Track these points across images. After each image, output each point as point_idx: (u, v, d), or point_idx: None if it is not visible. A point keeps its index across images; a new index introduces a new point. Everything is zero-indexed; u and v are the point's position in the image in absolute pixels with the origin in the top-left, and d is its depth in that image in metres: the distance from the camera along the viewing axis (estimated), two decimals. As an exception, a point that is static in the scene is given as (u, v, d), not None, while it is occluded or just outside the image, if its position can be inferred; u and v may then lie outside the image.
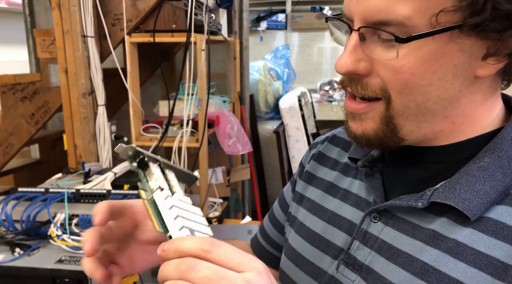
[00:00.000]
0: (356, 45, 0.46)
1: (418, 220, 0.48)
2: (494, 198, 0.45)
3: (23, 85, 1.79)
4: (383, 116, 0.48)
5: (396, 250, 0.49)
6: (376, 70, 0.46)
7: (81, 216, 1.20)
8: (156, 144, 1.79)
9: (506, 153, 0.46)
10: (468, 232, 0.44)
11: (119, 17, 1.73)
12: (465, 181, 0.46)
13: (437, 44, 0.42)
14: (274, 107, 3.07)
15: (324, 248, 0.57)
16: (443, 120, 0.47)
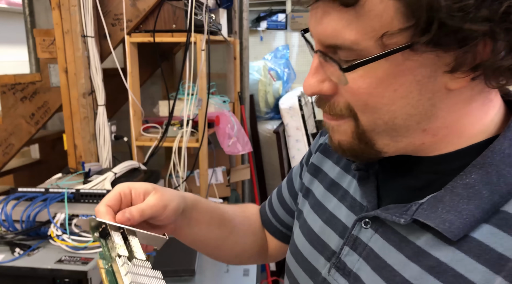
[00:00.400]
0: (318, 67, 0.46)
1: (405, 232, 0.47)
2: (479, 217, 0.42)
3: (23, 85, 1.79)
4: (355, 132, 0.47)
5: (382, 261, 0.48)
6: (340, 90, 0.46)
7: (81, 216, 1.20)
8: (156, 144, 1.79)
9: (495, 167, 0.43)
10: (450, 252, 0.43)
11: (119, 17, 1.73)
12: (449, 199, 0.44)
13: (392, 64, 0.41)
14: (274, 107, 3.07)
15: (320, 248, 0.58)
16: (421, 134, 0.45)
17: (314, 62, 0.46)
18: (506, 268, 0.39)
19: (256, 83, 2.96)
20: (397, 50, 0.40)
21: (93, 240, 0.49)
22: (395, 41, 0.39)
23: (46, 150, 2.40)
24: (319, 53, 0.45)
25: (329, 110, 0.48)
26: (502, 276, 0.39)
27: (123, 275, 0.46)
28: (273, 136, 2.86)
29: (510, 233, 0.40)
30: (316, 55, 0.46)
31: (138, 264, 0.48)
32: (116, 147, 1.87)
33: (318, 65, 0.46)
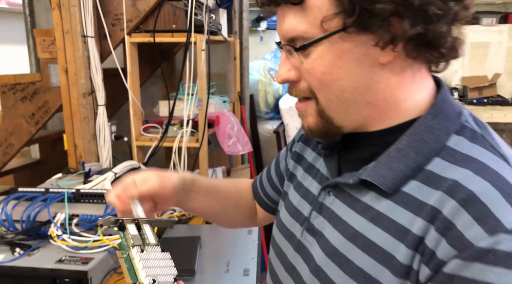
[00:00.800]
0: (285, 59, 0.59)
1: (357, 193, 0.59)
2: (407, 173, 0.54)
3: (23, 85, 1.79)
4: (317, 111, 0.59)
5: (339, 218, 0.60)
6: (303, 76, 0.58)
7: (81, 216, 1.20)
8: (156, 144, 1.79)
9: (420, 135, 0.55)
10: (386, 204, 0.55)
11: (119, 17, 1.74)
12: (385, 160, 0.56)
13: (334, 46, 0.53)
14: (274, 107, 3.07)
15: (297, 217, 0.70)
16: (367, 106, 0.57)
17: (282, 56, 0.60)
18: (424, 211, 0.50)
19: (256, 83, 2.96)
20: (334, 33, 0.52)
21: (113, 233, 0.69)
22: (333, 26, 0.52)
23: (46, 150, 2.40)
24: (284, 47, 0.58)
25: (296, 94, 0.61)
26: (421, 217, 0.50)
27: (137, 262, 0.56)
28: (273, 137, 2.86)
29: (430, 187, 0.52)
30: (282, 51, 0.59)
31: (150, 249, 0.59)
32: (116, 147, 1.87)
33: (285, 57, 0.59)
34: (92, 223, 1.19)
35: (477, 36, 3.82)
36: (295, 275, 0.67)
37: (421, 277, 0.49)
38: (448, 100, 0.57)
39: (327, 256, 0.60)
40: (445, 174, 0.51)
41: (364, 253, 0.55)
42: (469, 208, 0.47)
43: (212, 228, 1.49)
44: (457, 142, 0.54)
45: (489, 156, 0.52)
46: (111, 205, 0.70)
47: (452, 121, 0.55)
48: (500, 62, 3.83)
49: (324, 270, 0.60)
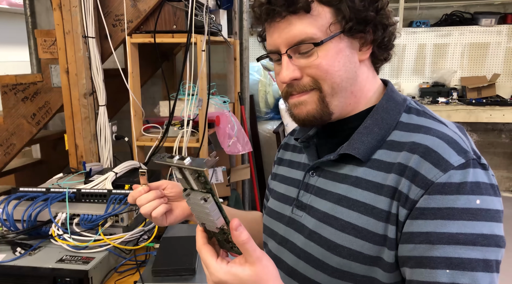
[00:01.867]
0: (288, 62, 0.72)
1: (336, 169, 0.75)
2: (375, 144, 0.71)
3: (24, 85, 1.80)
4: (319, 98, 0.72)
5: (325, 191, 0.75)
6: (305, 73, 0.72)
7: (82, 216, 1.21)
8: (157, 144, 1.80)
9: (380, 115, 0.73)
10: (362, 170, 0.71)
11: (120, 17, 1.74)
12: (356, 137, 0.73)
13: (335, 45, 0.70)
14: (274, 107, 3.08)
15: (285, 200, 0.84)
16: (350, 95, 0.74)
17: (284, 61, 0.72)
18: (394, 168, 0.67)
19: (256, 83, 2.97)
20: (335, 35, 0.70)
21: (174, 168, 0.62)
22: (334, 30, 0.69)
23: (47, 149, 2.41)
24: (288, 52, 0.71)
25: (298, 90, 0.73)
26: (393, 173, 0.67)
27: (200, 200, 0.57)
28: (273, 137, 2.87)
29: (394, 151, 0.69)
30: (284, 56, 0.72)
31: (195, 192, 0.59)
32: (117, 147, 1.88)
33: (288, 61, 0.72)
34: (93, 223, 1.20)
35: (476, 36, 3.82)
36: (289, 245, 0.78)
37: (401, 217, 0.64)
38: (395, 91, 0.77)
39: (319, 221, 0.74)
40: (404, 139, 0.69)
41: (350, 209, 0.70)
42: (427, 157, 0.64)
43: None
44: (407, 118, 0.73)
45: (432, 122, 0.70)
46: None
47: (400, 104, 0.74)
48: (499, 62, 3.83)
49: (318, 232, 0.73)
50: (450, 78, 3.85)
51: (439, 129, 0.68)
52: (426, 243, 0.61)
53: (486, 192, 0.62)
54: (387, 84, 0.79)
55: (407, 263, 0.63)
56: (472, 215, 0.60)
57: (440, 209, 0.60)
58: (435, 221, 0.61)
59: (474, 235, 0.59)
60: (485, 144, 4.05)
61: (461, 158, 0.63)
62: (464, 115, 3.45)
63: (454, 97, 3.67)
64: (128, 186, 1.42)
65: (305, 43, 0.69)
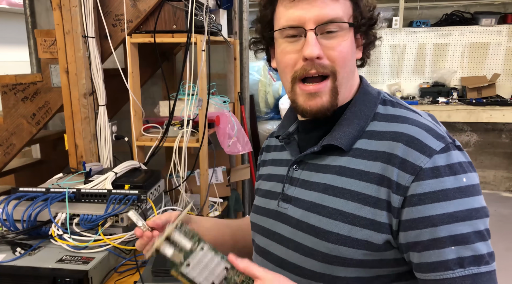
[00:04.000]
0: (315, 39, 0.73)
1: (319, 160, 0.79)
2: (356, 134, 0.76)
3: (24, 85, 1.80)
4: (332, 88, 0.75)
5: (310, 182, 0.79)
6: (326, 54, 0.74)
7: (82, 216, 1.21)
8: (157, 144, 1.80)
9: (358, 107, 0.78)
10: (345, 159, 0.75)
11: (119, 17, 1.74)
12: (337, 128, 0.77)
13: (351, 36, 0.76)
14: (274, 107, 3.08)
15: (270, 196, 0.86)
16: (348, 88, 0.79)
17: (311, 37, 0.73)
18: (379, 156, 0.71)
19: (256, 83, 2.96)
20: (354, 25, 0.76)
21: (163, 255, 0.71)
22: (352, 21, 0.75)
23: (47, 149, 2.41)
24: (317, 28, 0.72)
25: (318, 69, 0.74)
26: (378, 161, 0.71)
27: (193, 278, 0.66)
28: (273, 137, 2.87)
29: (375, 139, 0.74)
30: (311, 33, 0.72)
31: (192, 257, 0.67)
32: (117, 147, 1.88)
33: (315, 38, 0.73)
34: (92, 223, 1.20)
35: (476, 36, 3.82)
36: (277, 237, 0.81)
37: (394, 203, 0.68)
38: (369, 85, 0.83)
39: (306, 210, 0.77)
40: (383, 129, 0.74)
41: (336, 197, 0.74)
42: (411, 145, 0.69)
43: (212, 227, 1.49)
44: (384, 109, 0.78)
45: (407, 112, 0.76)
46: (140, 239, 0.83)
47: (375, 97, 0.80)
48: (499, 62, 3.83)
49: (305, 221, 0.76)
50: (450, 78, 3.85)
51: (416, 118, 0.74)
52: (431, 226, 0.65)
53: (468, 169, 0.68)
54: (362, 79, 0.84)
55: (414, 248, 0.67)
56: (463, 193, 0.66)
57: (434, 192, 0.66)
58: (433, 204, 0.65)
59: (469, 211, 0.65)
60: (485, 144, 4.05)
61: (441, 142, 0.69)
62: (464, 115, 3.45)
63: (454, 97, 3.67)
64: (128, 186, 1.42)
65: (334, 23, 0.72)
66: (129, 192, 1.29)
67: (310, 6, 0.72)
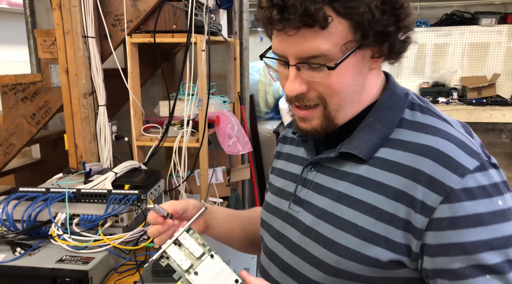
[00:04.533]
0: (296, 75, 0.67)
1: (336, 165, 0.73)
2: (377, 142, 0.69)
3: (24, 85, 1.80)
4: (324, 114, 0.70)
5: (323, 187, 0.74)
6: (313, 87, 0.67)
7: (82, 216, 1.21)
8: (157, 144, 1.80)
9: (382, 112, 0.70)
10: (364, 168, 0.69)
11: (119, 17, 1.74)
12: (358, 135, 0.71)
13: (347, 61, 0.64)
14: (274, 107, 3.08)
15: (282, 195, 0.82)
16: (358, 104, 0.71)
17: (291, 73, 0.67)
18: (402, 170, 0.65)
19: (256, 83, 2.96)
20: (351, 53, 0.64)
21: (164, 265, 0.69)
22: (350, 47, 0.64)
23: (47, 149, 2.41)
24: (298, 65, 0.66)
25: (302, 104, 0.69)
26: (400, 175, 0.64)
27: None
28: (273, 136, 2.87)
29: (399, 149, 0.67)
30: (292, 68, 0.66)
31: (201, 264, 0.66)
32: (117, 147, 1.88)
33: (296, 74, 0.67)
34: (92, 223, 1.20)
35: (476, 36, 3.82)
36: (285, 240, 0.78)
37: (417, 224, 0.62)
38: (397, 85, 0.74)
39: (316, 217, 0.72)
40: (410, 139, 0.67)
41: (350, 208, 0.68)
42: (441, 162, 0.62)
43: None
44: (412, 115, 0.70)
45: (438, 122, 0.68)
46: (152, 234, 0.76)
47: (403, 99, 0.72)
48: (499, 62, 3.83)
49: (315, 228, 0.72)
50: (450, 78, 3.85)
51: (447, 130, 0.66)
52: (463, 254, 0.59)
53: (504, 191, 0.62)
54: (388, 77, 0.76)
55: (444, 275, 0.62)
56: (499, 218, 0.60)
57: (468, 216, 0.59)
58: (466, 230, 0.59)
59: (505, 238, 0.59)
60: (485, 144, 4.04)
61: (475, 160, 0.62)
62: (464, 115, 3.45)
63: (454, 97, 3.67)
64: (128, 186, 1.42)
65: (318, 58, 0.64)
66: (129, 192, 1.29)
67: (289, 43, 0.65)
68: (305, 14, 0.60)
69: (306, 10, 0.59)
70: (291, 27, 0.62)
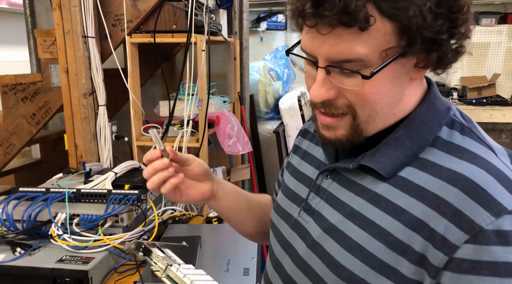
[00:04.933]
0: (324, 79, 0.58)
1: (355, 177, 0.65)
2: (404, 160, 0.60)
3: (24, 85, 1.80)
4: (352, 125, 0.61)
5: (337, 199, 0.66)
6: (342, 94, 0.59)
7: (82, 216, 1.21)
8: (157, 144, 1.79)
9: (415, 126, 0.61)
10: (384, 186, 0.61)
11: (119, 17, 1.74)
12: (383, 148, 0.62)
13: (387, 70, 0.56)
14: (274, 107, 3.07)
15: (294, 199, 0.76)
16: (391, 117, 0.62)
17: (320, 76, 0.58)
18: (426, 197, 0.56)
19: (256, 83, 2.96)
20: (392, 60, 0.55)
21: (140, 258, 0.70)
22: (392, 54, 0.55)
23: (47, 149, 2.41)
24: (327, 68, 0.57)
25: (330, 112, 0.61)
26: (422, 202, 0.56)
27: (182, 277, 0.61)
28: (273, 136, 2.87)
29: (427, 172, 0.58)
30: (321, 70, 0.58)
31: (185, 267, 0.63)
32: (117, 147, 1.87)
33: (325, 77, 0.58)
34: (92, 223, 1.20)
35: (476, 36, 3.82)
36: (291, 250, 0.72)
37: (433, 260, 0.54)
38: (438, 96, 0.64)
39: (324, 232, 0.65)
40: (441, 162, 0.58)
41: (361, 229, 0.61)
42: (473, 195, 0.53)
43: (212, 227, 1.49)
44: (449, 134, 0.61)
45: (479, 147, 0.59)
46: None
47: (443, 115, 0.62)
48: (499, 62, 3.83)
49: (321, 244, 0.65)
50: (450, 78, 3.85)
51: (488, 158, 0.57)
52: None
53: None
54: (430, 86, 0.65)
55: None
56: None
57: (495, 263, 0.50)
58: (491, 278, 0.51)
59: None
60: (485, 143, 4.04)
61: None
62: (464, 115, 3.45)
63: (454, 97, 3.67)
64: (128, 185, 1.42)
65: (352, 63, 0.55)
66: (129, 192, 1.29)
67: (321, 42, 0.56)
68: (344, 12, 0.51)
69: (346, 7, 0.51)
70: (326, 25, 0.54)
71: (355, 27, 0.52)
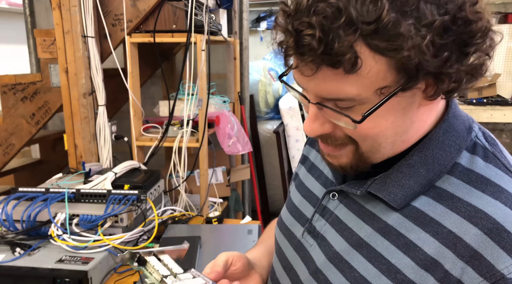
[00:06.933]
0: (317, 113, 0.53)
1: (364, 202, 0.59)
2: (417, 190, 0.54)
3: (23, 85, 1.79)
4: (355, 154, 0.56)
5: (343, 224, 0.60)
6: (339, 127, 0.54)
7: (82, 216, 1.21)
8: (156, 144, 1.79)
9: (431, 151, 0.54)
10: (396, 217, 0.55)
11: (119, 17, 1.74)
12: (395, 176, 0.56)
13: (386, 105, 0.49)
14: (274, 107, 3.07)
15: (298, 217, 0.70)
16: (401, 144, 0.55)
17: (312, 111, 0.54)
18: (441, 234, 0.50)
19: (256, 83, 2.96)
20: (390, 97, 0.48)
21: (134, 269, 0.65)
22: (387, 92, 0.48)
23: (46, 149, 2.41)
24: (318, 105, 0.52)
25: (331, 142, 0.56)
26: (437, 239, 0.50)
27: None
28: (273, 136, 2.87)
29: (443, 205, 0.52)
30: (312, 105, 0.53)
31: (182, 277, 0.58)
32: (117, 147, 1.87)
33: (317, 112, 0.53)
34: (92, 223, 1.19)
35: (477, 36, 3.81)
36: (292, 274, 0.67)
37: None
38: (458, 114, 0.57)
39: (328, 260, 0.60)
40: (460, 194, 0.51)
41: (369, 262, 0.55)
42: (495, 237, 0.47)
43: (212, 228, 1.49)
44: (470, 161, 0.54)
45: (505, 178, 0.52)
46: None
47: (463, 137, 0.55)
48: (499, 62, 3.83)
49: (325, 273, 0.60)
50: (450, 78, 3.85)
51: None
52: None
53: None
54: (449, 103, 0.57)
55: None
56: None
57: None
58: None
59: None
60: (485, 143, 4.03)
61: None
62: (464, 115, 3.45)
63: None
64: (128, 186, 1.42)
65: (344, 101, 0.50)
66: (128, 192, 1.29)
67: (307, 80, 0.50)
68: (327, 53, 0.45)
69: (330, 48, 0.45)
70: (310, 65, 0.48)
71: (341, 69, 0.46)
